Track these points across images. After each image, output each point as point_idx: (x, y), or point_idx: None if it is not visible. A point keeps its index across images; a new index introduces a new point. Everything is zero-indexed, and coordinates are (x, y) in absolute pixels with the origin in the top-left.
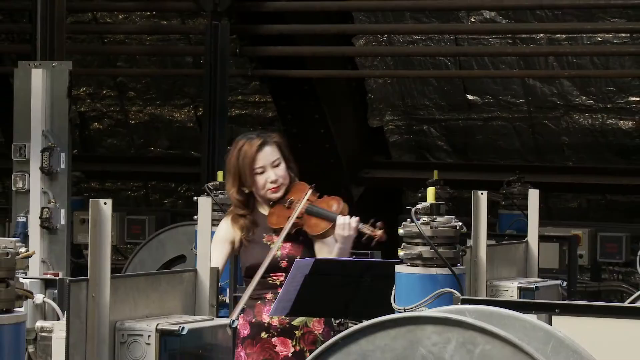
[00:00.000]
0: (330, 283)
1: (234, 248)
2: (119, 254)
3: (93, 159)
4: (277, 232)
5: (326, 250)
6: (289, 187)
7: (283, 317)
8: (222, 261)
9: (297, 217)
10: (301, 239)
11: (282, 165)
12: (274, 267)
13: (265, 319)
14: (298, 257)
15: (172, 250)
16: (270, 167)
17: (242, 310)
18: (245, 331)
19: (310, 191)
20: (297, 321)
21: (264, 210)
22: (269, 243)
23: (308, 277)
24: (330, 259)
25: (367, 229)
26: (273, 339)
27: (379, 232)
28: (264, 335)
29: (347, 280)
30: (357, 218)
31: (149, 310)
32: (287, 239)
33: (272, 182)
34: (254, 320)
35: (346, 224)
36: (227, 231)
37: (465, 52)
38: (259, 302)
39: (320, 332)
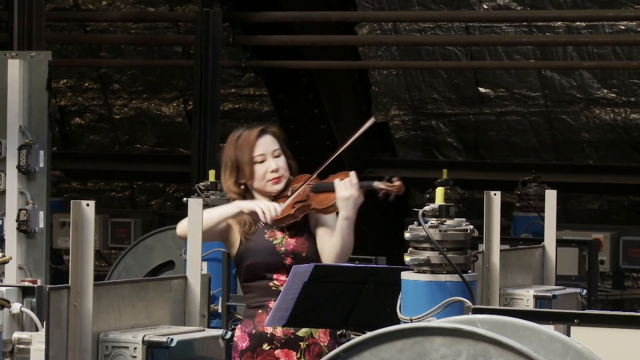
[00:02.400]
0: (330, 291)
1: (230, 232)
2: (102, 259)
3: (74, 157)
4: (280, 224)
5: (327, 232)
6: (289, 181)
7: (287, 327)
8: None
9: (302, 201)
10: (306, 235)
11: (282, 157)
12: (278, 264)
13: (268, 329)
14: (303, 253)
15: (159, 256)
16: (270, 156)
17: (240, 321)
18: (244, 343)
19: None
20: (303, 332)
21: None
22: (271, 239)
23: (307, 285)
24: (331, 265)
25: (382, 184)
26: (276, 351)
27: (397, 184)
28: (266, 347)
29: (348, 287)
30: (354, 172)
31: (135, 320)
32: (292, 234)
33: (273, 172)
34: (254, 331)
35: (345, 182)
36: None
37: (476, 42)
38: (260, 311)
39: (325, 344)
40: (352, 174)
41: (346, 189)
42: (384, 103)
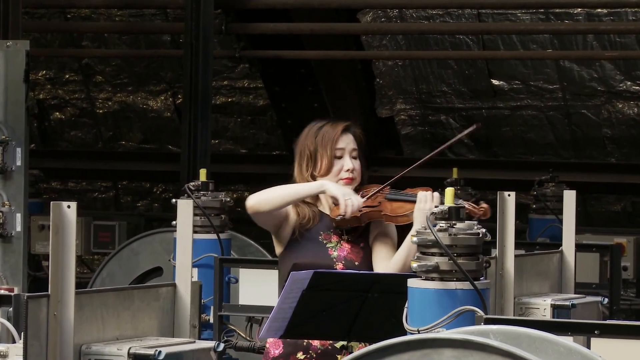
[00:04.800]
0: (331, 299)
1: (284, 226)
2: (84, 265)
3: (54, 154)
4: (342, 226)
5: (389, 246)
6: (358, 188)
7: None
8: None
9: (372, 207)
10: (362, 244)
11: (358, 161)
12: (326, 269)
13: (295, 338)
14: (357, 262)
15: (146, 262)
16: (348, 154)
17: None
18: (276, 350)
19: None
20: (341, 344)
21: (324, 208)
22: (324, 241)
23: (306, 293)
24: (332, 272)
25: (467, 205)
26: None
27: (484, 206)
28: (300, 356)
29: (351, 296)
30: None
31: (120, 331)
32: (349, 240)
33: (347, 171)
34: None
35: (428, 195)
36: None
37: (489, 30)
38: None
39: None
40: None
41: (428, 201)
42: (388, 96)
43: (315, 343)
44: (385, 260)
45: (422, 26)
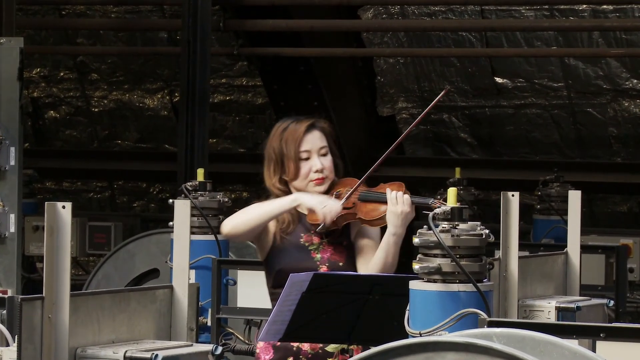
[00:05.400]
0: (331, 302)
1: (265, 236)
2: (79, 267)
3: (48, 154)
4: (317, 230)
5: (369, 245)
6: (334, 183)
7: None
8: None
9: (347, 208)
10: (345, 243)
11: (329, 157)
12: (311, 272)
13: (295, 341)
14: (341, 263)
15: (142, 263)
16: (316, 153)
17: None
18: (267, 356)
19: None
20: (332, 347)
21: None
22: (306, 244)
23: (305, 295)
24: (332, 274)
25: (439, 203)
26: None
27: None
28: None
29: (351, 298)
30: (404, 188)
31: (116, 334)
32: (331, 241)
33: (316, 172)
34: (279, 343)
35: (399, 195)
36: None
37: (493, 27)
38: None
39: None
40: (403, 190)
41: (398, 203)
42: (390, 95)
43: (306, 347)
44: (366, 260)
45: (424, 23)
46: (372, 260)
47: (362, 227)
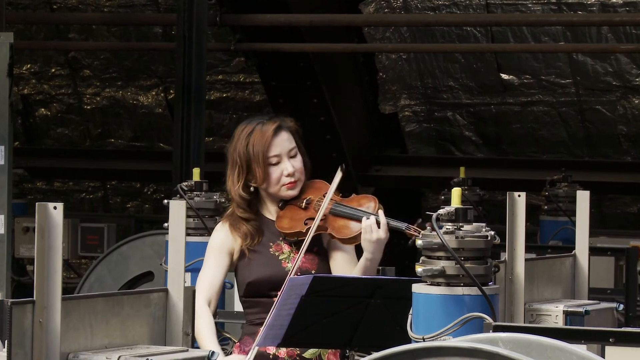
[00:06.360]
0: (331, 306)
1: (232, 261)
2: (71, 270)
3: (39, 153)
4: (288, 238)
5: (344, 258)
6: (304, 186)
7: (291, 348)
8: (220, 278)
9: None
10: (316, 249)
11: (299, 157)
12: (283, 282)
13: (271, 349)
14: (312, 270)
15: (136, 266)
16: (286, 156)
17: (228, 340)
18: None
19: (338, 176)
20: (310, 353)
21: (269, 214)
22: (277, 254)
23: (304, 299)
24: (333, 276)
25: (413, 230)
26: None
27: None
28: None
29: (352, 302)
30: (381, 210)
31: (109, 339)
32: (299, 248)
33: (288, 176)
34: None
35: (373, 223)
36: (225, 239)
37: (499, 21)
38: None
39: None
40: (377, 206)
41: (374, 231)
42: (392, 91)
43: (282, 354)
44: (344, 269)
45: (428, 17)
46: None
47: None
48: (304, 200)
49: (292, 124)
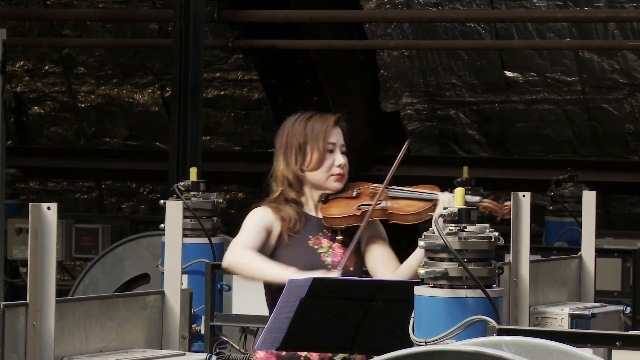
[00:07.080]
0: (332, 309)
1: (268, 240)
2: (65, 272)
3: (32, 152)
4: (336, 226)
5: (386, 253)
6: (346, 185)
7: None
8: (257, 243)
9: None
10: (354, 248)
11: (346, 157)
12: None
13: (293, 350)
14: (351, 268)
15: (132, 268)
16: (339, 149)
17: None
18: None
19: (404, 150)
20: (340, 356)
21: (309, 209)
22: (315, 247)
23: (304, 301)
24: (332, 279)
25: (488, 201)
26: None
27: (508, 204)
28: None
29: (353, 305)
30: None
31: (104, 342)
32: (341, 242)
33: (339, 166)
34: (284, 352)
35: (451, 197)
36: (266, 216)
37: (503, 18)
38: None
39: None
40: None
41: (452, 203)
42: (394, 89)
43: (314, 357)
44: (387, 265)
45: (430, 13)
46: (402, 268)
47: (374, 230)
48: (355, 190)
49: (346, 127)
